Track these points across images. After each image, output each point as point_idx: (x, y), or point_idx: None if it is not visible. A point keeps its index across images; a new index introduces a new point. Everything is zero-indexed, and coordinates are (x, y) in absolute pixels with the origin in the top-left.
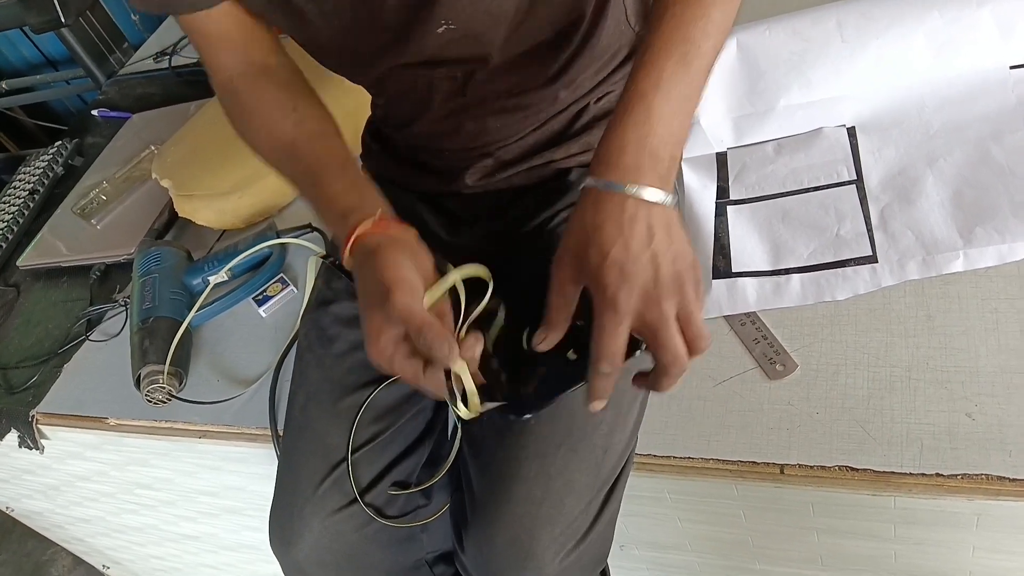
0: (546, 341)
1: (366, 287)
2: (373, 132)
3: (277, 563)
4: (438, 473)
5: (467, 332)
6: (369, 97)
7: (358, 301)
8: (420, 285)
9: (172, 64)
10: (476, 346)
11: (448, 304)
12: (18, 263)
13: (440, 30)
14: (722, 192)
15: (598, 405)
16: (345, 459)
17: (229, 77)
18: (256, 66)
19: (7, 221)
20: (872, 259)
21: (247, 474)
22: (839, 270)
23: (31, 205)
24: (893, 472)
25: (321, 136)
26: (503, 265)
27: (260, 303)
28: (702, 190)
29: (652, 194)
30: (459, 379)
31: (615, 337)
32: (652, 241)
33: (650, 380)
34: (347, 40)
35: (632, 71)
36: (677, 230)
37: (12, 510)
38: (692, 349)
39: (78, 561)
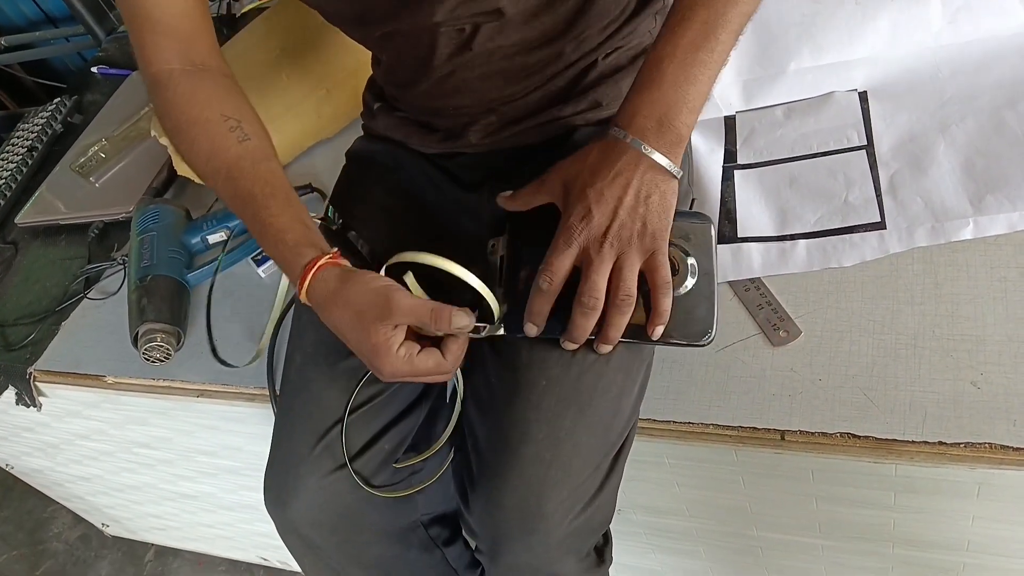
0: (508, 202)
1: (354, 307)
2: (376, 92)
3: (271, 523)
4: (436, 439)
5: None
6: (369, 55)
7: (338, 327)
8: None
9: None
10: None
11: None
12: (16, 220)
13: None
14: (730, 156)
15: (530, 330)
16: (340, 420)
17: (166, 71)
18: (197, 65)
19: (5, 178)
20: (880, 225)
21: (245, 434)
22: (846, 236)
23: (29, 162)
24: (895, 440)
25: (265, 159)
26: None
27: (259, 262)
28: (709, 154)
29: (658, 158)
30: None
31: (560, 257)
32: (626, 195)
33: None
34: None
35: (657, 35)
36: (660, 199)
37: (12, 467)
38: (654, 307)
39: (77, 519)
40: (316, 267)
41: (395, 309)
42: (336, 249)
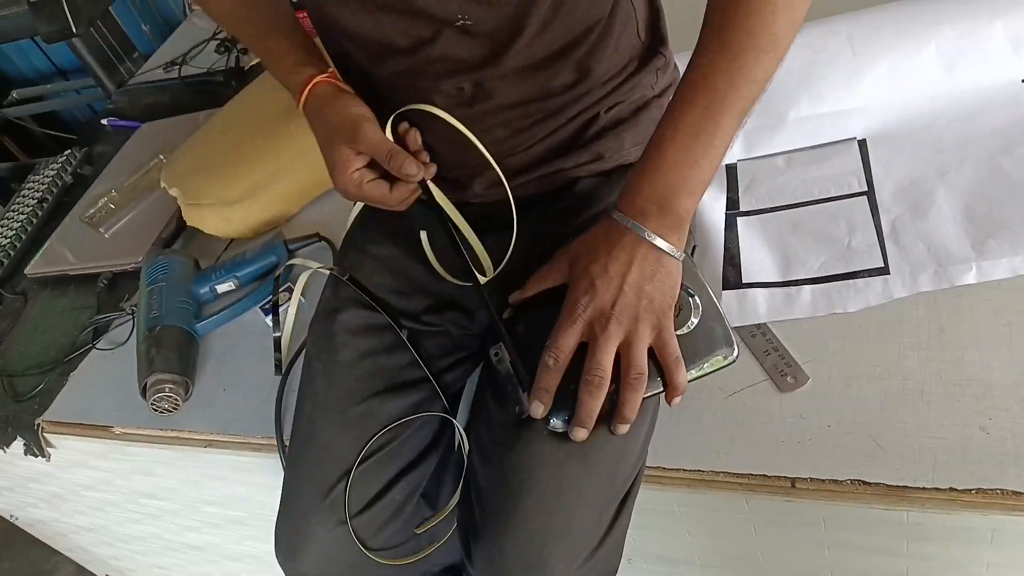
0: (519, 296)
1: (331, 124)
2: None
3: (279, 573)
4: (444, 491)
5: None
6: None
7: (318, 140)
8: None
9: (181, 74)
10: (432, 168)
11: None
12: (26, 271)
13: (458, 23)
14: (732, 204)
15: (536, 409)
16: (351, 469)
17: None
18: None
19: (15, 229)
20: (884, 271)
21: (252, 484)
22: (850, 281)
23: (39, 213)
24: (906, 486)
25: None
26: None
27: (267, 312)
28: (712, 202)
29: (659, 242)
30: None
31: (566, 334)
32: (630, 272)
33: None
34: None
35: (660, 119)
36: (665, 279)
37: (16, 519)
38: (669, 381)
39: (80, 570)
40: (313, 83)
41: (361, 138)
42: (332, 69)
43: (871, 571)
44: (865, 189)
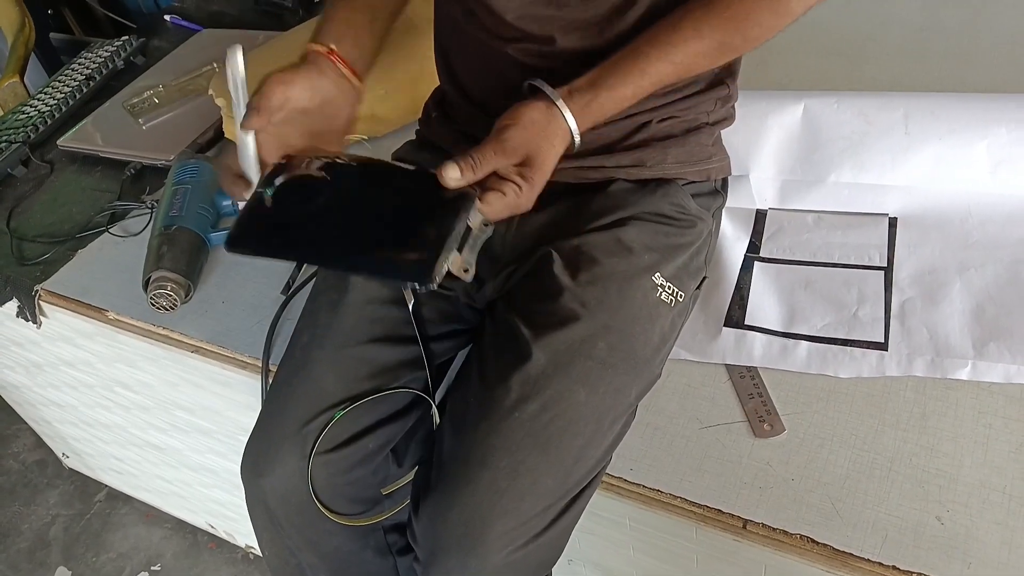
0: (458, 180)
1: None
2: (438, 100)
3: (228, 492)
4: (412, 452)
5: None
6: (431, 69)
7: None
8: (300, 92)
9: None
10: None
11: None
12: (58, 142)
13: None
14: (753, 247)
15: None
16: (334, 406)
17: None
18: None
19: (58, 100)
20: (883, 347)
21: (228, 399)
22: (848, 348)
23: (84, 91)
24: (852, 554)
25: None
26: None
27: None
28: (735, 240)
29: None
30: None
31: (488, 164)
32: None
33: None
34: None
35: (640, 58)
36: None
37: None
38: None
39: (39, 443)
40: (312, 51)
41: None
42: (333, 47)
43: None
44: (884, 265)
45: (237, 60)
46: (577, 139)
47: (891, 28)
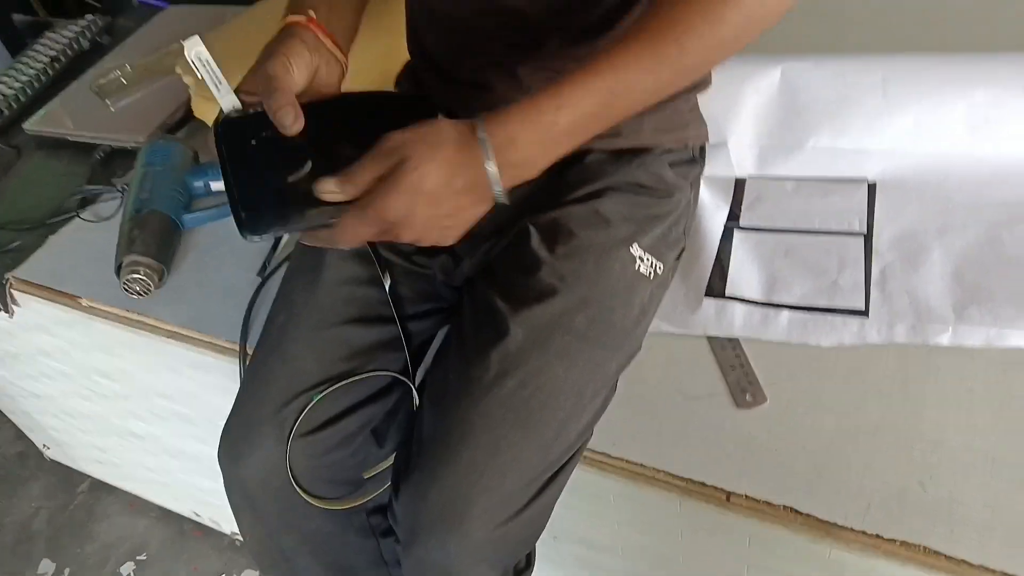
0: (334, 195)
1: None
2: (410, 74)
3: (211, 479)
4: (391, 434)
5: None
6: (401, 44)
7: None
8: (300, 73)
9: None
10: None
11: None
12: (24, 126)
13: None
14: (733, 216)
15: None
16: (311, 388)
17: None
18: None
19: (22, 83)
20: (863, 313)
21: (206, 384)
22: (828, 316)
23: (49, 73)
24: (835, 524)
25: None
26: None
27: None
28: (714, 209)
29: (492, 174)
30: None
31: (364, 177)
32: (453, 199)
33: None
34: None
35: (568, 76)
36: (471, 214)
37: None
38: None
39: (19, 435)
40: (286, 22)
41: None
42: (311, 13)
43: None
44: (864, 231)
45: (199, 50)
46: (490, 155)
47: None
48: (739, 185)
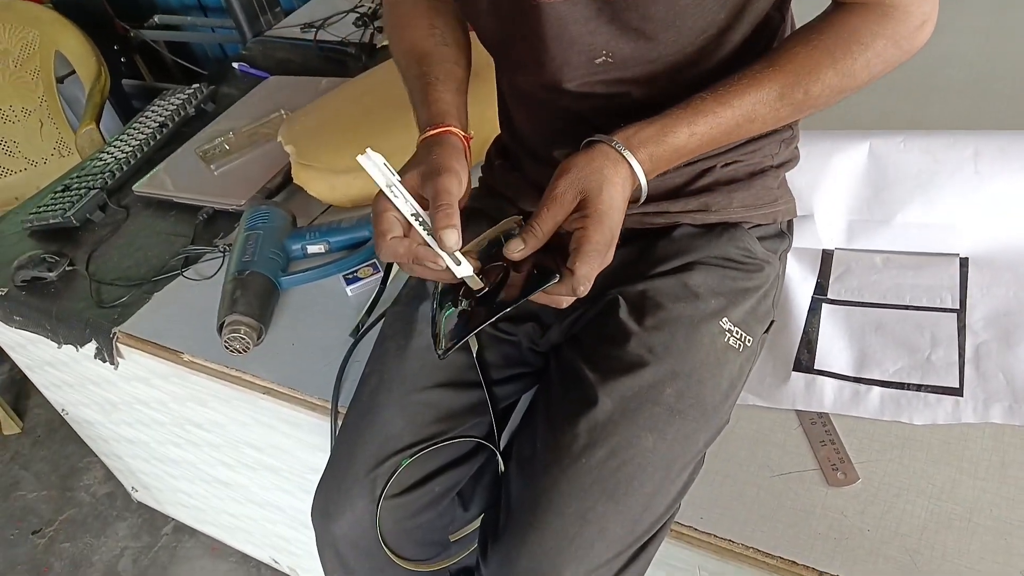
0: (523, 250)
1: (429, 157)
2: (500, 148)
3: (293, 529)
4: (478, 496)
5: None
6: (493, 112)
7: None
8: (465, 181)
9: (317, 38)
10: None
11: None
12: (133, 188)
13: (598, 61)
14: (820, 288)
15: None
16: (401, 451)
17: None
18: None
19: (133, 147)
20: (958, 392)
21: (296, 439)
22: (922, 394)
23: (158, 137)
24: None
25: (453, 62)
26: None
27: (349, 282)
28: (801, 281)
29: (644, 188)
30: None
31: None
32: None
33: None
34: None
35: (700, 103)
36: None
37: (67, 413)
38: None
39: (109, 476)
40: (447, 130)
41: (434, 181)
42: (464, 135)
43: None
44: (957, 307)
45: (380, 166)
46: (643, 179)
47: (954, 65)
48: (826, 257)
